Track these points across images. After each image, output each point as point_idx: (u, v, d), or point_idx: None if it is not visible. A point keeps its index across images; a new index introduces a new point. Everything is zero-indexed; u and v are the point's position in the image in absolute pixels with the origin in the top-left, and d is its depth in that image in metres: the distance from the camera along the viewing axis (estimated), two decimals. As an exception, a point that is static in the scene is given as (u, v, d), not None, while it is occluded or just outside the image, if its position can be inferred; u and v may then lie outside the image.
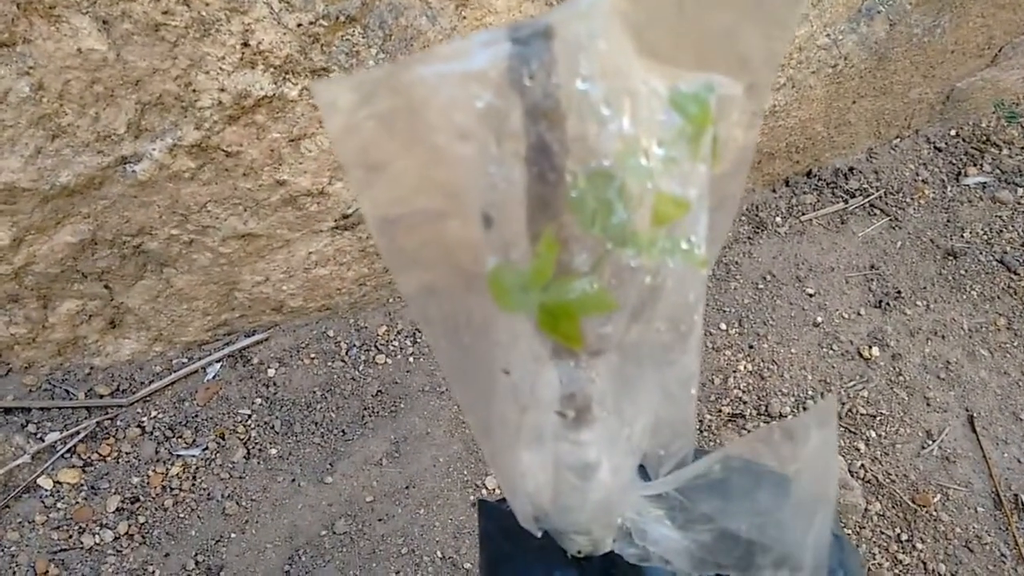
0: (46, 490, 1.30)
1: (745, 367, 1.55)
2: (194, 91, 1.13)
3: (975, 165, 1.93)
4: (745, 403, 1.50)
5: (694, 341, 0.43)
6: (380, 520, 1.32)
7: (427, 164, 0.36)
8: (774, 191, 1.87)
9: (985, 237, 1.78)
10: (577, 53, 0.34)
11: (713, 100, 0.38)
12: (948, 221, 1.82)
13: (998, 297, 1.67)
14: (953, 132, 2.00)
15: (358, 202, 1.37)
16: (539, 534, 0.47)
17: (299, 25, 1.12)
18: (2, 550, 1.24)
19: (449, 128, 0.34)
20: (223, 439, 1.38)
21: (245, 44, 1.11)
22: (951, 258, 1.75)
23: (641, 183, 0.36)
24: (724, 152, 0.40)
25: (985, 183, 1.89)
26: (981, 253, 1.75)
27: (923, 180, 1.91)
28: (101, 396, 1.39)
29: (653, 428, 0.48)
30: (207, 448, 1.36)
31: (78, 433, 1.34)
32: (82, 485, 1.31)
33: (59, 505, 1.29)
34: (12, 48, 1.01)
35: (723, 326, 1.62)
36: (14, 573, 1.22)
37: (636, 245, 0.37)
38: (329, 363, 1.48)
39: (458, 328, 0.40)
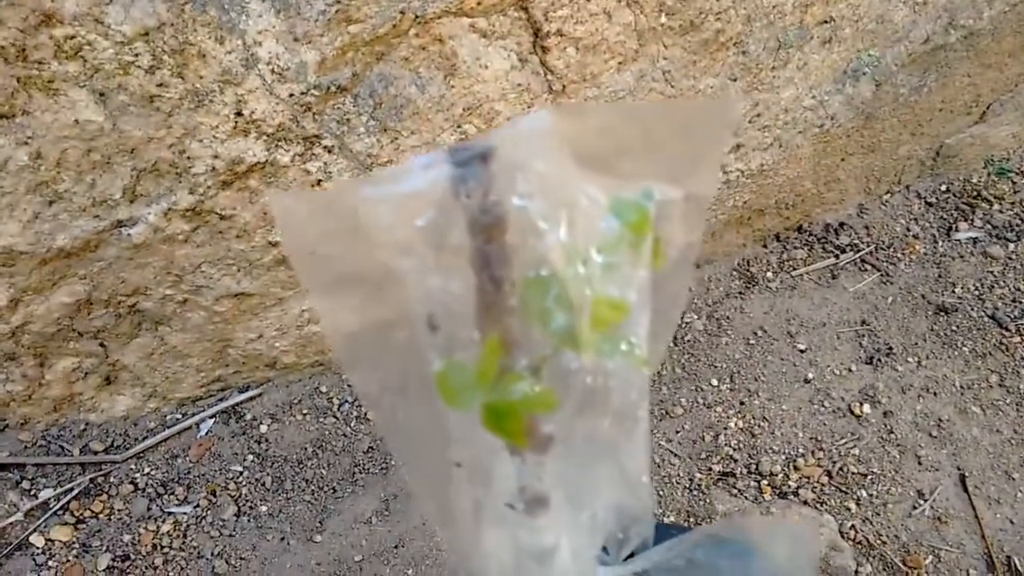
0: (38, 548, 1.31)
1: (736, 424, 1.56)
2: (188, 158, 1.17)
3: (966, 220, 1.95)
4: (735, 461, 1.50)
5: (640, 434, 0.45)
6: (368, 579, 1.32)
7: (374, 278, 0.38)
8: (765, 246, 1.89)
9: (976, 292, 1.79)
10: (514, 173, 0.36)
11: (652, 207, 0.40)
12: (939, 276, 1.84)
13: (990, 353, 1.68)
14: (944, 187, 2.02)
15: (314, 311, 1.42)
16: None
17: (291, 95, 1.16)
18: (-9, 609, 1.24)
19: (391, 244, 0.37)
20: (214, 496, 1.39)
21: (239, 114, 1.15)
22: (942, 314, 1.76)
23: (579, 289, 0.38)
24: (666, 251, 0.42)
25: (976, 238, 1.91)
26: (973, 309, 1.76)
27: (914, 235, 1.93)
28: (95, 452, 1.41)
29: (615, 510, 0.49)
30: (198, 505, 1.37)
31: (72, 490, 1.35)
32: (74, 543, 1.32)
33: (50, 563, 1.30)
34: (12, 119, 1.05)
35: (714, 382, 1.63)
36: (2, 632, 1.22)
37: (577, 347, 0.39)
38: (321, 419, 1.50)
39: (416, 426, 0.42)
